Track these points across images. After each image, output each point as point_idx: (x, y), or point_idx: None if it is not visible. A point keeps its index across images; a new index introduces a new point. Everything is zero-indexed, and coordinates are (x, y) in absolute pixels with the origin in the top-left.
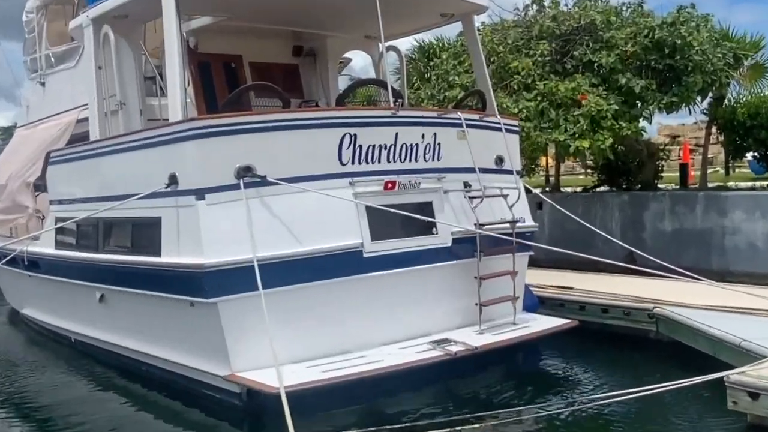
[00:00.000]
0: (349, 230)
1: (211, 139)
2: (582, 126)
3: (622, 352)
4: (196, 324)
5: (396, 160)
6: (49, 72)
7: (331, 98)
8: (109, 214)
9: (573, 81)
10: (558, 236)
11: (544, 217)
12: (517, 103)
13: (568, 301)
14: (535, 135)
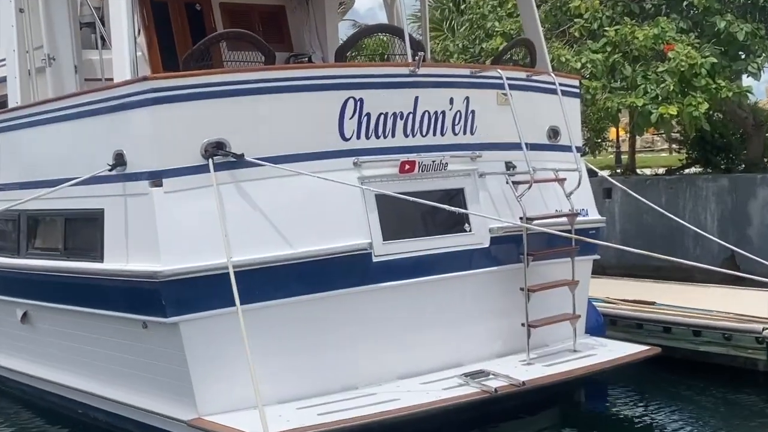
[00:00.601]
0: (353, 226)
1: (171, 106)
2: (667, 86)
3: (721, 388)
4: (150, 351)
5: (416, 134)
6: None
7: (329, 51)
8: (34, 206)
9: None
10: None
11: (614, 208)
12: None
13: (648, 321)
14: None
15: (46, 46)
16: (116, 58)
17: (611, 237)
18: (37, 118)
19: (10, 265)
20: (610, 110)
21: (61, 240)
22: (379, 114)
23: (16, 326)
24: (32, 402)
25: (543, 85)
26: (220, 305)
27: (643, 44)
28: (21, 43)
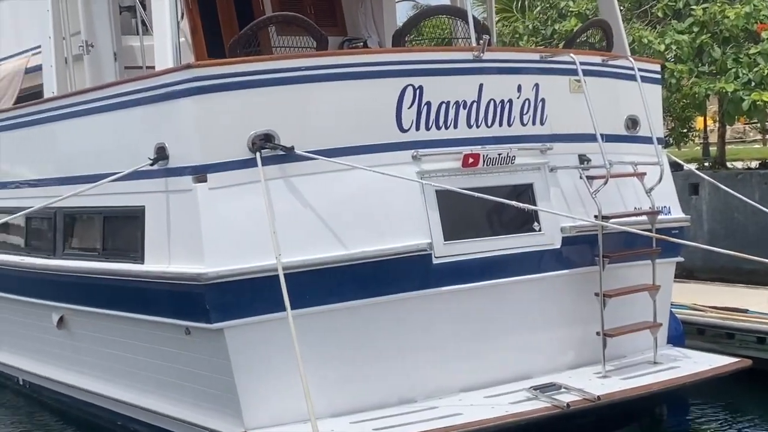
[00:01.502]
0: (411, 225)
1: (216, 95)
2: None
3: None
4: (193, 360)
5: (480, 124)
6: None
7: (386, 36)
8: (71, 204)
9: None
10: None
11: (701, 205)
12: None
13: (740, 330)
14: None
15: (83, 32)
16: (158, 44)
17: (698, 237)
18: (74, 109)
19: (46, 266)
20: (697, 97)
21: (99, 240)
22: (440, 103)
23: (52, 332)
24: (70, 413)
25: (621, 70)
26: (268, 310)
27: (735, 24)
28: (57, 29)
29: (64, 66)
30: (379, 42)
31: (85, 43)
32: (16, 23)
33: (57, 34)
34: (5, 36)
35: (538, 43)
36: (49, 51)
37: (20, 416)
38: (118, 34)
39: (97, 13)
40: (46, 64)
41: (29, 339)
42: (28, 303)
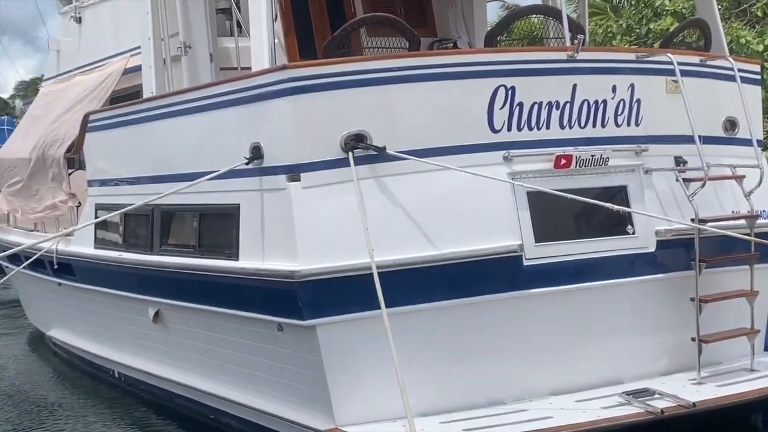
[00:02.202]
0: (502, 226)
1: (310, 96)
2: None
3: None
4: (285, 356)
5: (573, 125)
6: (87, 3)
7: (476, 36)
8: (168, 201)
9: None
10: None
11: None
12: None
13: None
14: None
15: (182, 34)
16: (255, 45)
17: None
18: (172, 109)
19: (143, 261)
20: None
21: (194, 236)
22: (533, 103)
23: (148, 326)
24: (163, 405)
25: (719, 70)
26: (360, 308)
27: None
28: (156, 30)
29: (162, 67)
30: (469, 42)
31: (183, 44)
32: (116, 25)
33: (156, 35)
34: (105, 38)
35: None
36: (148, 52)
37: (115, 408)
38: (214, 35)
39: (194, 16)
40: (146, 64)
41: (125, 333)
42: (125, 297)
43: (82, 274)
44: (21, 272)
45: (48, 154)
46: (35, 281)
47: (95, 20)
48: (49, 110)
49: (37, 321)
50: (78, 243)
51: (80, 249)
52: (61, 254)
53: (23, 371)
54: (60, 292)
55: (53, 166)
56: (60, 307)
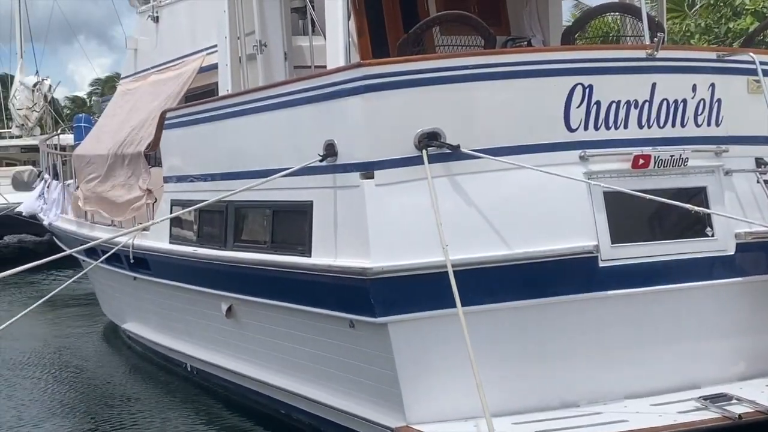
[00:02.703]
0: (577, 226)
1: (384, 93)
2: None
3: None
4: (357, 353)
5: (652, 124)
6: (164, 3)
7: (551, 34)
8: (242, 198)
9: None
10: None
11: None
12: None
13: None
14: None
15: (258, 32)
16: (330, 44)
17: None
18: (247, 107)
19: (216, 257)
20: None
21: (268, 233)
22: (611, 102)
23: (221, 320)
24: (234, 399)
25: None
26: (432, 307)
27: None
28: (233, 29)
29: (238, 65)
30: (544, 41)
31: (259, 42)
32: (193, 24)
33: (233, 34)
34: (181, 36)
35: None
36: (224, 50)
37: (187, 402)
38: (288, 34)
39: (269, 14)
40: (222, 62)
41: (198, 327)
42: (199, 292)
43: (157, 269)
44: (97, 266)
45: (126, 151)
46: (111, 275)
47: (172, 19)
48: (126, 108)
49: (112, 314)
50: (153, 238)
51: (156, 244)
52: (137, 249)
53: (98, 364)
54: (135, 286)
55: (131, 162)
56: (135, 301)
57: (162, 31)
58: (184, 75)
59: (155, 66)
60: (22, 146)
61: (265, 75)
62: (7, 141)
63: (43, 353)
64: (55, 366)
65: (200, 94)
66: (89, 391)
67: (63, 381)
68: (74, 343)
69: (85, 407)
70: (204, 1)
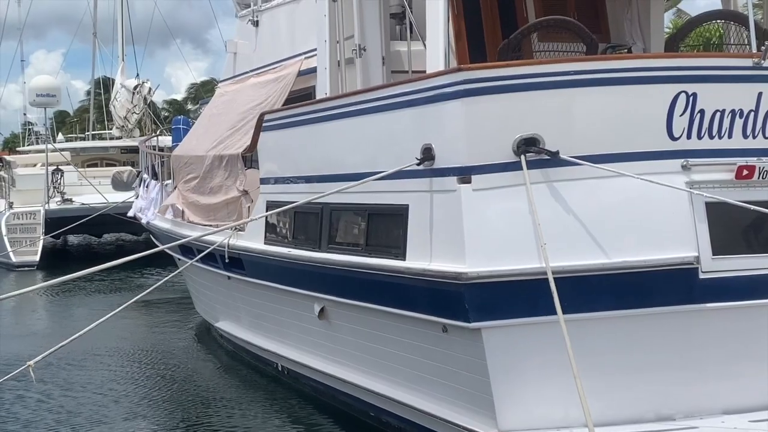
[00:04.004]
0: (678, 237)
1: (483, 98)
2: None
3: None
4: (449, 357)
5: (757, 135)
6: (264, 7)
7: (652, 42)
8: (338, 200)
9: None
10: None
11: None
12: None
13: None
14: None
15: (357, 37)
16: (430, 47)
17: None
18: (345, 110)
19: (311, 258)
20: None
21: (362, 235)
22: (715, 111)
23: (313, 321)
24: (323, 401)
25: None
26: (527, 314)
27: None
28: (332, 33)
29: (336, 68)
30: (644, 48)
31: (358, 47)
32: (292, 28)
33: (332, 38)
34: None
35: None
36: (324, 54)
37: (277, 400)
38: (387, 39)
39: (368, 19)
40: (321, 66)
41: (290, 327)
42: (292, 293)
43: (252, 269)
44: (193, 265)
45: (224, 153)
46: (206, 274)
47: (272, 23)
48: (225, 110)
49: (205, 313)
50: (249, 238)
51: (251, 244)
52: (232, 248)
53: (190, 362)
54: (229, 286)
55: (228, 164)
56: (228, 300)
57: (261, 34)
58: (282, 78)
59: (254, 69)
60: (122, 147)
61: (363, 79)
62: (107, 142)
63: (137, 350)
64: (147, 363)
65: (298, 97)
66: (180, 388)
67: (155, 378)
68: (167, 341)
69: (176, 404)
70: (304, 5)
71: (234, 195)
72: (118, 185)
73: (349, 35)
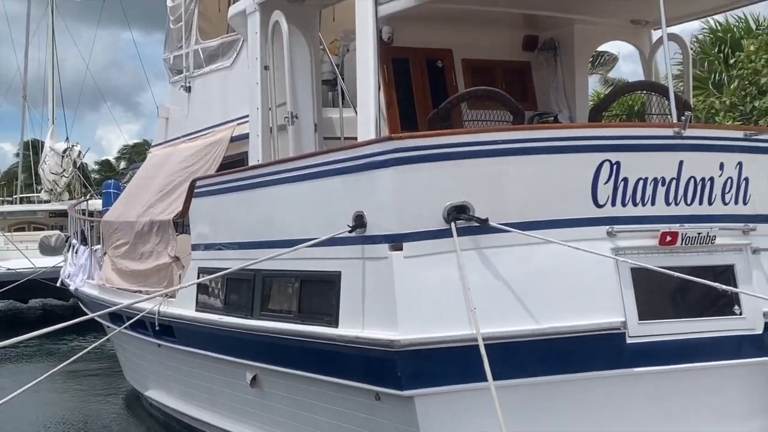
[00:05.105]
0: (605, 302)
1: (414, 167)
2: None
3: None
4: (382, 426)
5: (679, 202)
6: (197, 74)
7: (577, 110)
8: (270, 266)
9: None
10: None
11: None
12: None
13: None
14: None
15: (289, 104)
16: (361, 116)
17: None
18: (277, 177)
19: (243, 326)
20: None
21: (295, 302)
22: (638, 179)
23: (246, 390)
24: None
25: None
26: (460, 381)
27: None
28: (264, 100)
29: (269, 135)
30: (570, 117)
31: (291, 114)
32: (224, 95)
33: (264, 105)
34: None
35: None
36: (256, 121)
37: None
38: (319, 106)
39: (301, 87)
40: (253, 133)
41: (222, 396)
42: (224, 360)
43: (183, 336)
44: (122, 332)
45: (155, 218)
46: (135, 341)
47: (204, 89)
48: (156, 174)
49: (135, 381)
50: (180, 305)
51: (182, 311)
52: (162, 315)
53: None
54: (159, 354)
55: (159, 229)
56: (158, 368)
57: (194, 100)
58: (214, 144)
59: (186, 135)
60: (51, 211)
61: (295, 146)
62: (35, 205)
63: (63, 421)
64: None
65: (231, 163)
66: None
67: None
68: (95, 410)
69: None
70: (236, 71)
71: (165, 261)
72: (46, 250)
73: (282, 102)
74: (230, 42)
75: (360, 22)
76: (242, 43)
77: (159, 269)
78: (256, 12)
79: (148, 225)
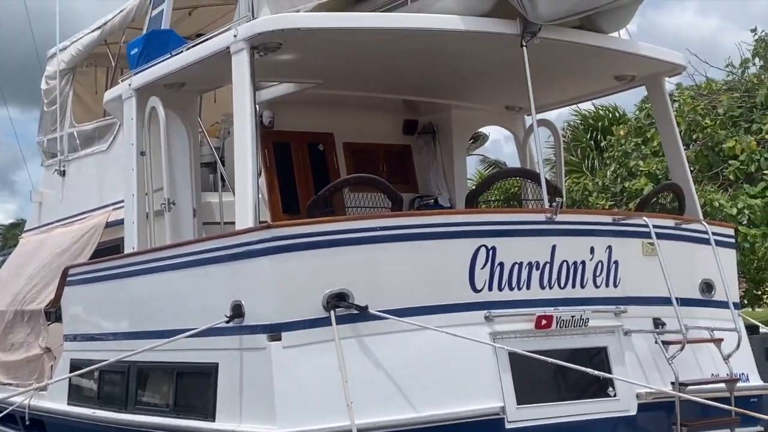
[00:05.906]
0: (484, 388)
1: (293, 255)
2: None
3: None
4: None
5: (553, 285)
6: (71, 157)
7: (457, 192)
8: (145, 358)
9: None
10: None
11: None
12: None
13: None
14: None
15: (166, 190)
16: (239, 203)
17: None
18: (153, 265)
19: (116, 420)
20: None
21: (171, 395)
22: (513, 263)
23: None
24: None
25: (694, 234)
26: None
27: None
28: (140, 187)
29: (145, 222)
30: (450, 199)
31: (167, 200)
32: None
33: (140, 191)
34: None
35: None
36: (132, 208)
37: None
38: (198, 191)
39: (179, 171)
40: (128, 220)
41: None
42: None
43: (54, 431)
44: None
45: (26, 308)
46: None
47: (79, 173)
48: (28, 262)
49: None
50: (51, 398)
51: (53, 405)
52: (33, 409)
53: None
54: None
55: (30, 319)
56: None
57: (69, 184)
58: (89, 230)
59: (60, 220)
60: None
61: (172, 232)
62: None
63: None
64: None
65: (106, 249)
66: None
67: None
68: None
69: None
70: (113, 156)
71: (36, 352)
72: None
73: (159, 187)
74: (106, 125)
75: (238, 107)
76: (119, 127)
77: (29, 360)
78: (132, 98)
79: (19, 314)
